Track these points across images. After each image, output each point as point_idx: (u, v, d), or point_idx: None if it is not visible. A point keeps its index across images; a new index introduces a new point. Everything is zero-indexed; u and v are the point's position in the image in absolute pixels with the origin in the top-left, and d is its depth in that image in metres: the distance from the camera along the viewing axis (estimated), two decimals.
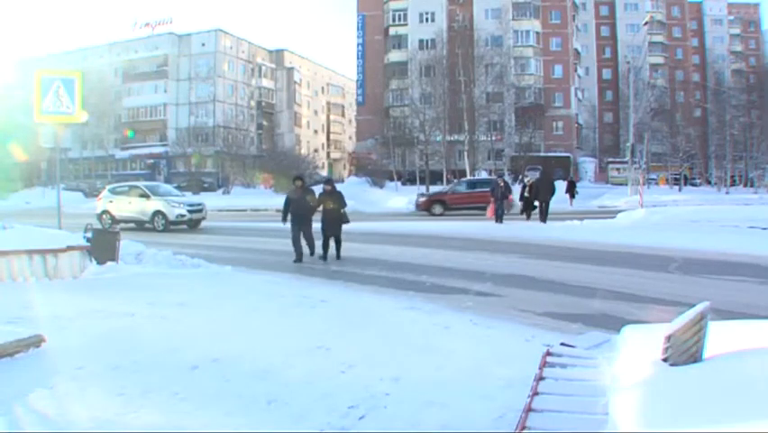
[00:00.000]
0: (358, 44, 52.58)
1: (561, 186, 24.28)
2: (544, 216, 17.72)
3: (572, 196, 27.78)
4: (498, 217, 17.47)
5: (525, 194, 18.87)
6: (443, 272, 9.12)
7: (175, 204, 17.48)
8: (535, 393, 2.97)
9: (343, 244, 10.72)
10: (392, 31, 49.76)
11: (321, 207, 10.64)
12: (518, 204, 20.07)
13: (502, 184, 18.29)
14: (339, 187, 12.35)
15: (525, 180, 19.61)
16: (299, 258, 10.41)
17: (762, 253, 10.17)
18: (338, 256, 10.55)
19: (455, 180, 30.75)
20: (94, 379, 4.02)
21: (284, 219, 10.71)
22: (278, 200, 32.33)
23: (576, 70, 50.95)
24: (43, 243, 8.14)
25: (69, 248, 8.18)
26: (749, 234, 13.66)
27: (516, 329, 5.70)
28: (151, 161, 52.52)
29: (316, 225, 10.79)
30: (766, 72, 50.73)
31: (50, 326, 5.14)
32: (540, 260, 10.34)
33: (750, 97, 45.21)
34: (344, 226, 10.72)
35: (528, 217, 18.54)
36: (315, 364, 4.46)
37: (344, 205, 10.61)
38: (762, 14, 66.99)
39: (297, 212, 10.46)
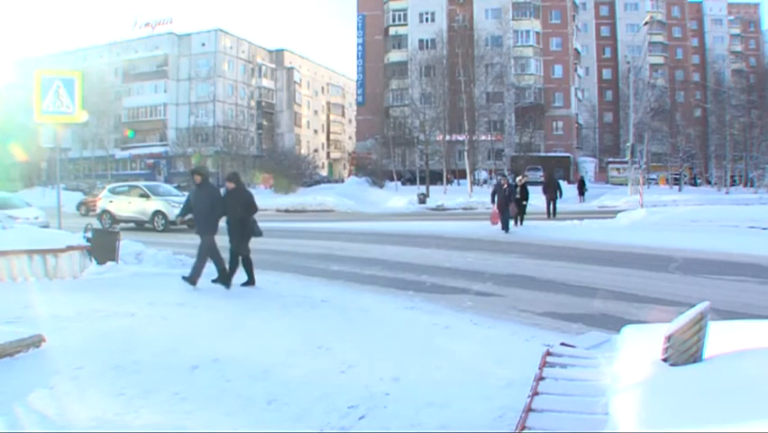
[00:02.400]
0: (358, 44, 52.57)
1: (565, 185, 26.15)
2: (554, 213, 20.08)
3: (582, 193, 30.71)
4: (504, 224, 15.00)
5: (516, 195, 16.40)
6: (443, 272, 9.11)
7: (175, 204, 17.44)
8: (535, 393, 2.97)
9: (343, 244, 10.45)
10: (392, 31, 49.74)
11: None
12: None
13: (505, 186, 15.36)
14: (339, 186, 11.83)
15: (517, 180, 17.22)
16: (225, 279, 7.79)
17: (762, 253, 10.17)
18: (224, 282, 7.61)
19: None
20: (94, 379, 4.02)
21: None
22: (279, 200, 32.39)
23: (576, 70, 50.93)
24: (43, 243, 8.15)
25: (69, 248, 8.19)
26: (749, 234, 13.67)
27: (516, 329, 5.71)
28: (151, 161, 52.51)
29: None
30: (766, 72, 50.68)
31: (50, 326, 5.15)
32: (540, 260, 10.34)
33: (750, 97, 45.13)
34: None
35: (520, 222, 16.38)
36: (315, 364, 4.47)
37: (252, 210, 7.92)
38: (762, 14, 67.09)
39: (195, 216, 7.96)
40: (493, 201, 15.64)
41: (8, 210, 14.29)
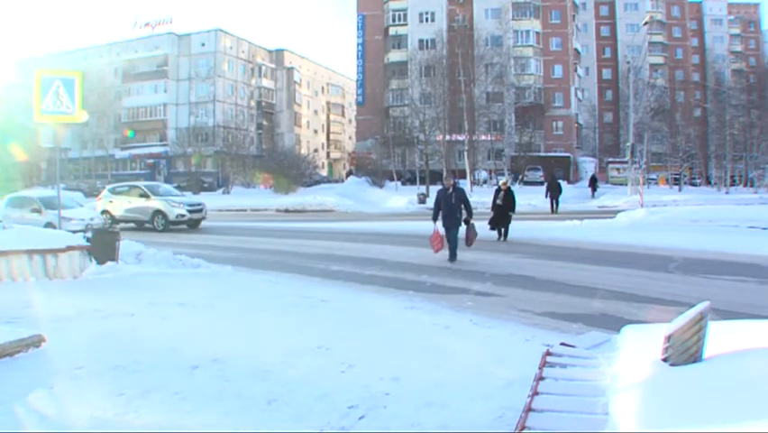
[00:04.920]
0: (358, 44, 52.56)
1: (565, 185, 28.01)
2: (556, 210, 22.52)
3: (594, 189, 32.83)
4: (451, 252, 10.18)
5: (499, 201, 13.66)
6: (443, 272, 9.11)
7: (175, 204, 17.48)
8: (535, 393, 2.97)
9: (343, 244, 10.42)
10: (392, 31, 49.73)
11: None
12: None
13: (451, 190, 10.31)
14: (338, 186, 11.72)
15: (500, 184, 14.67)
16: None
17: (762, 253, 10.17)
18: None
19: None
20: (94, 379, 4.02)
21: None
22: (279, 200, 32.38)
23: (576, 70, 50.92)
24: (43, 243, 8.14)
25: (69, 248, 8.18)
26: (749, 234, 13.67)
27: (515, 329, 5.71)
28: (151, 160, 52.49)
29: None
30: (766, 72, 50.65)
31: (49, 326, 5.14)
32: (540, 260, 10.34)
33: (750, 97, 45.13)
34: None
35: (504, 236, 13.40)
36: (315, 364, 4.46)
37: None
38: (762, 14, 67.12)
39: None
40: (437, 217, 10.26)
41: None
